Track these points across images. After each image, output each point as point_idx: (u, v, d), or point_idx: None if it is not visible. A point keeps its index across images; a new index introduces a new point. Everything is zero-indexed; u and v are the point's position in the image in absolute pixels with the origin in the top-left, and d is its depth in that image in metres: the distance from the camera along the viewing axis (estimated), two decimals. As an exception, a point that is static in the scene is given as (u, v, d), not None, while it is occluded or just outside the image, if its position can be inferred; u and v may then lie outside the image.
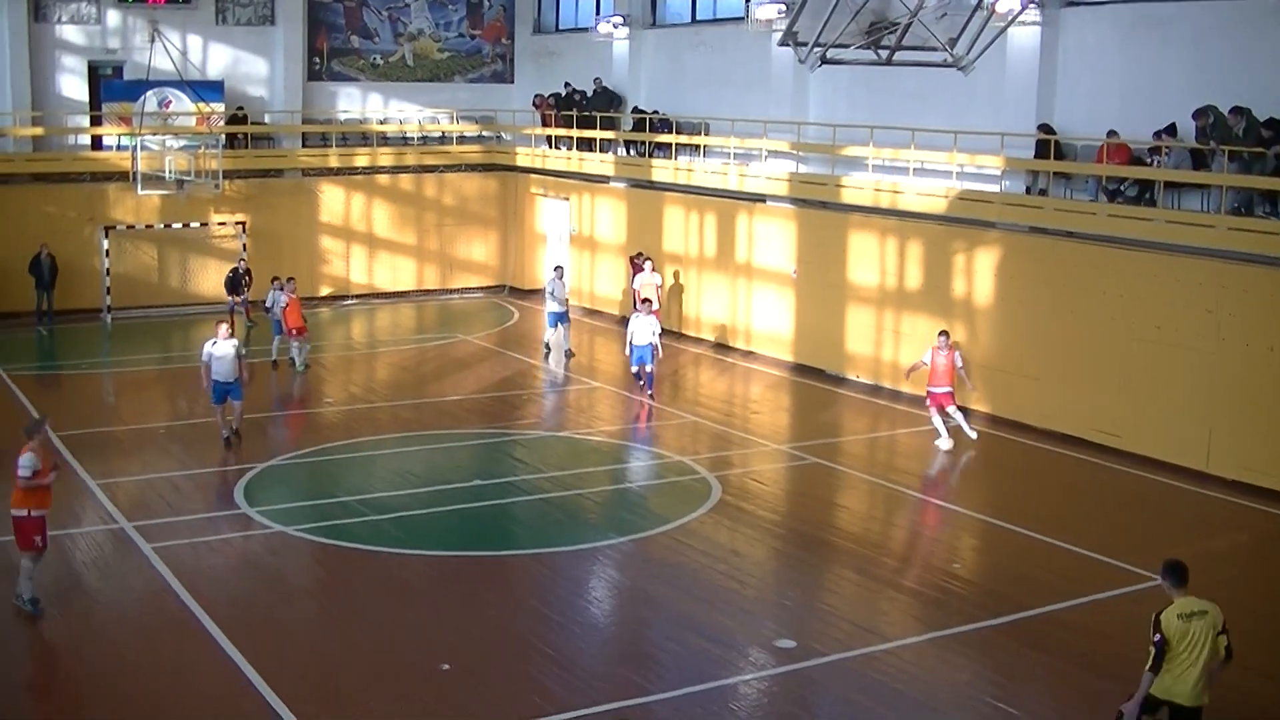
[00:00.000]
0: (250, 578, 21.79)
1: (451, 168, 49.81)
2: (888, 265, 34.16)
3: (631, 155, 44.41)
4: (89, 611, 20.35)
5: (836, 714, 17.21)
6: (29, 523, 19.58)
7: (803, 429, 31.48)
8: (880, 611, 20.31)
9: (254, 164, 46.83)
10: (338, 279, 48.27)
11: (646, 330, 32.53)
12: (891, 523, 25.25)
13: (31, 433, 20.08)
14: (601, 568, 22.22)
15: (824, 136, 36.71)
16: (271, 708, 16.84)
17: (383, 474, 27.61)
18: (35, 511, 19.62)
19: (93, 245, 44.07)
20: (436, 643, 18.90)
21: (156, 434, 30.25)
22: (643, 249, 42.03)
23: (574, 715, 16.71)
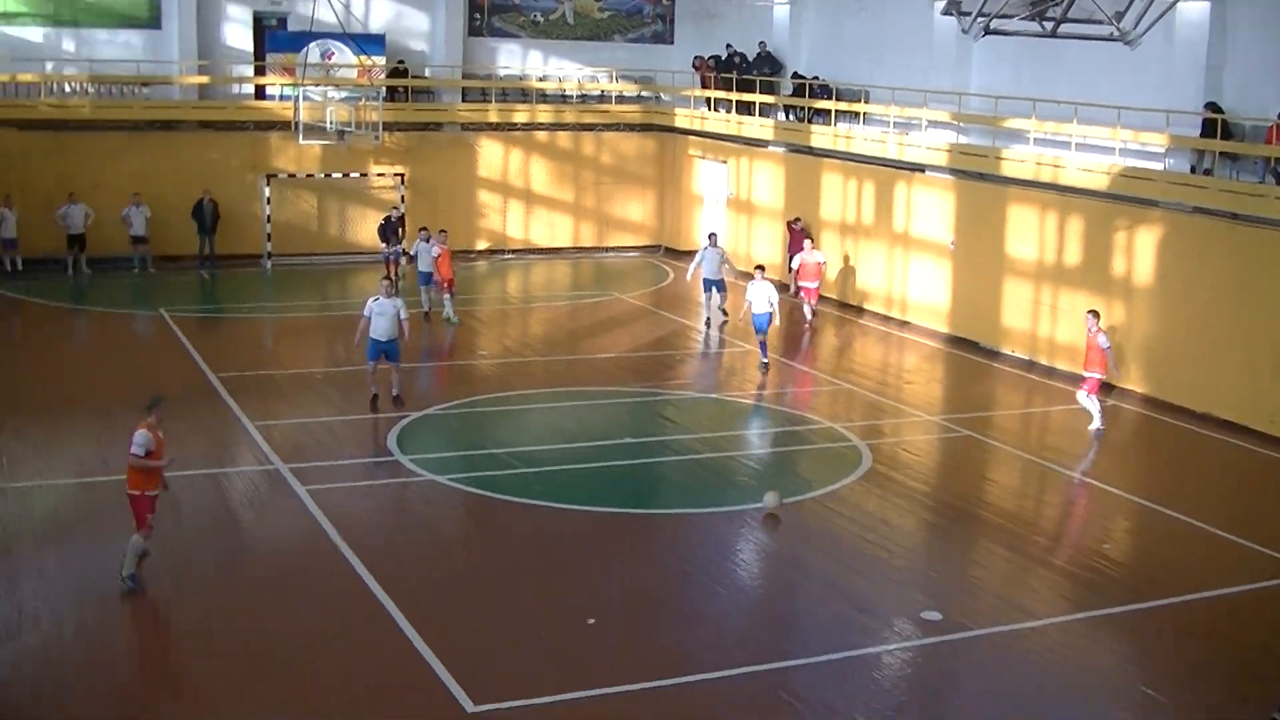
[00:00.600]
0: (401, 524, 22.16)
1: (609, 127, 49.92)
2: (1046, 240, 33.83)
3: (790, 120, 44.29)
4: (242, 549, 20.87)
5: (981, 689, 17.16)
6: (142, 500, 18.89)
7: (956, 401, 31.32)
8: (1029, 589, 20.19)
9: (414, 117, 47.26)
10: (494, 233, 48.63)
11: (764, 298, 32.20)
12: (1043, 500, 25.07)
13: (151, 407, 19.13)
14: (749, 531, 22.27)
15: (985, 108, 36.40)
16: (419, 652, 17.15)
17: (534, 428, 27.90)
18: (150, 491, 18.97)
19: (254, 192, 44.77)
20: (583, 597, 19.09)
21: (314, 379, 30.74)
22: (800, 215, 41.99)
23: (718, 676, 16.82)
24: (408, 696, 16.13)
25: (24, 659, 16.92)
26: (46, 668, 16.70)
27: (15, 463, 24.32)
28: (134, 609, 18.46)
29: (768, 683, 16.70)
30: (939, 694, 16.90)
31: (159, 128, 44.16)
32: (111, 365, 31.89)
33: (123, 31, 45.14)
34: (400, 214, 43.40)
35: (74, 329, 36.81)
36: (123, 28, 45.19)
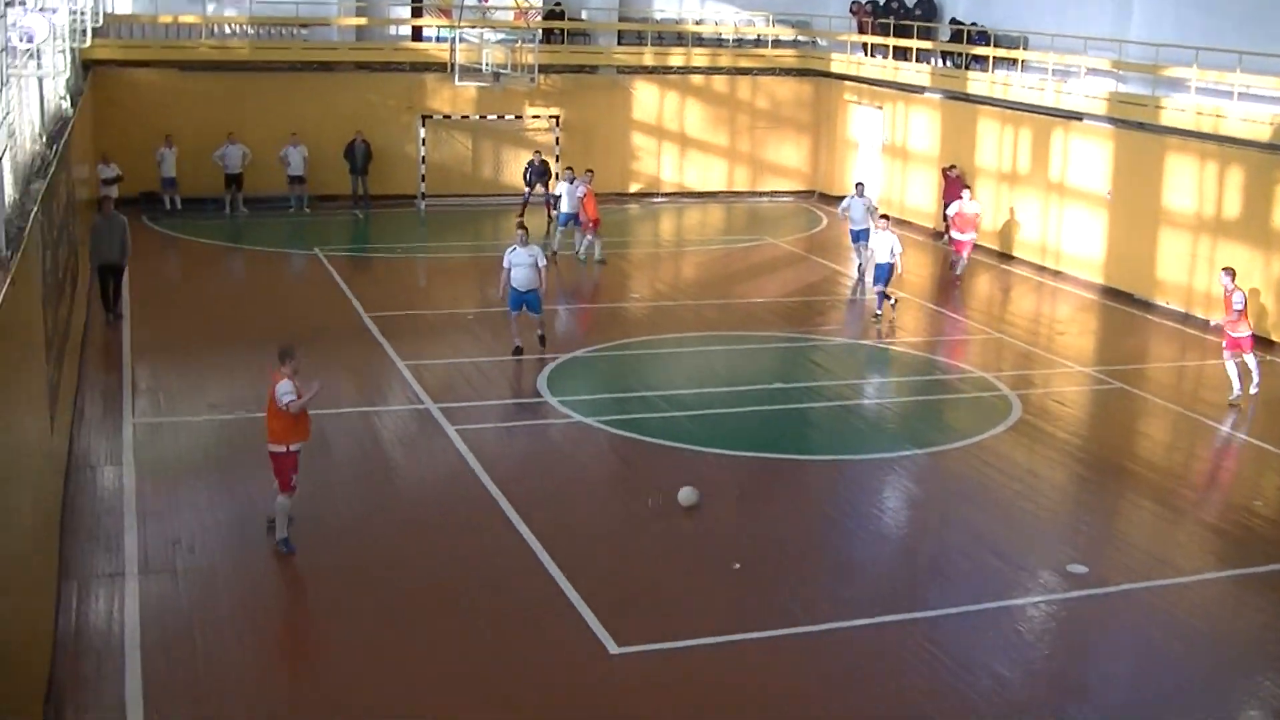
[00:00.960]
0: (549, 465, 22.34)
1: (765, 71, 49.73)
2: (1205, 191, 33.24)
3: (947, 66, 43.86)
4: (391, 488, 21.17)
5: (1126, 644, 16.99)
6: (288, 458, 18.31)
7: (1108, 353, 30.93)
8: (1177, 544, 19.96)
9: (569, 59, 47.39)
10: (648, 176, 48.73)
11: (886, 248, 31.79)
12: (1194, 454, 24.71)
13: (285, 357, 18.32)
14: (896, 478, 22.24)
15: (1146, 55, 35.79)
16: (564, 592, 17.32)
17: (684, 371, 27.97)
18: (294, 445, 18.35)
19: (410, 133, 45.21)
20: (729, 541, 19.16)
21: (465, 319, 31.00)
22: (955, 162, 41.63)
23: (860, 624, 16.81)
24: (551, 637, 16.29)
25: (179, 588, 17.31)
26: (200, 598, 17.07)
27: (172, 398, 24.85)
28: (284, 544, 18.80)
29: (910, 632, 16.68)
30: (1082, 648, 16.75)
31: (316, 69, 44.70)
32: (267, 304, 32.44)
33: (283, -27, 45.72)
34: (543, 158, 43.54)
35: (230, 268, 37.46)
36: (283, -31, 45.76)
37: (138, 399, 24.74)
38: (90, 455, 22.00)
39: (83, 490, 20.41)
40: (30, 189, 19.52)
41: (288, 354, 18.33)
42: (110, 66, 42.15)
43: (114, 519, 19.34)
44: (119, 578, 17.48)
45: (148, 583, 17.34)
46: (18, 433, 14.72)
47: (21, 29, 20.61)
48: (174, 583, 17.45)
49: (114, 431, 23.10)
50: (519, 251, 27.39)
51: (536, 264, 27.35)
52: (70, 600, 16.85)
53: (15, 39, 19.66)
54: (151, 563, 17.94)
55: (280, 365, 18.24)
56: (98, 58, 40.84)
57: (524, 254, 27.36)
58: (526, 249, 27.46)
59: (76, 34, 30.05)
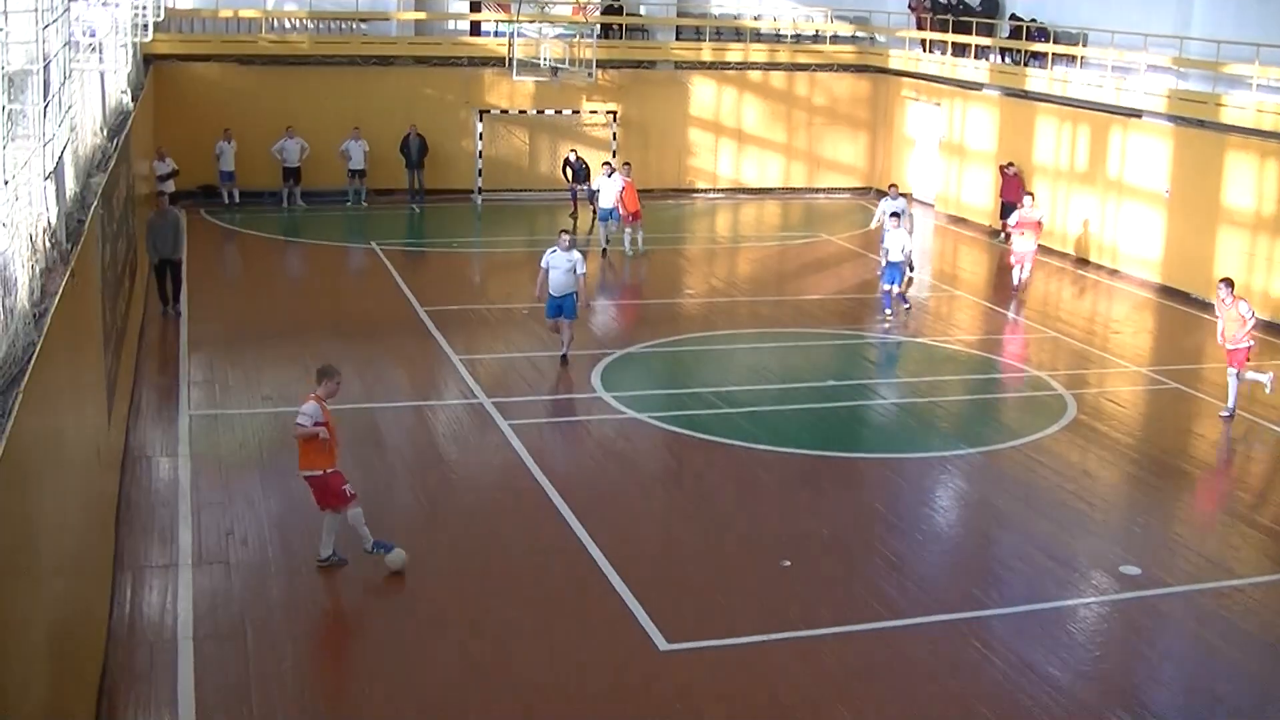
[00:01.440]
0: (602, 460, 22.34)
1: (823, 67, 49.64)
2: (1266, 190, 33.01)
3: (1006, 63, 43.68)
4: (446, 480, 21.21)
5: (1179, 647, 16.93)
6: (334, 477, 17.57)
7: (1165, 353, 30.78)
8: (1231, 546, 19.81)
9: (627, 55, 47.46)
10: (705, 172, 48.73)
11: (897, 246, 31.36)
12: (1250, 456, 24.53)
13: (323, 377, 17.82)
14: (950, 477, 22.18)
15: (1207, 52, 35.56)
16: (614, 588, 17.38)
17: (738, 368, 27.97)
18: (330, 469, 17.55)
19: (467, 128, 45.35)
20: (781, 539, 19.18)
21: (520, 314, 31.07)
22: (1013, 159, 41.49)
23: (912, 623, 16.81)
24: (601, 632, 16.34)
25: (232, 580, 17.42)
26: (252, 590, 17.18)
27: (228, 390, 25.00)
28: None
29: (961, 631, 16.64)
30: (1135, 650, 16.69)
31: (375, 63, 44.86)
32: (322, 297, 32.65)
33: (351, -33, 45.96)
34: (579, 155, 43.55)
35: (286, 261, 37.69)
36: (349, -37, 46.00)
37: (193, 391, 24.92)
38: (146, 447, 22.17)
39: (138, 482, 20.58)
40: (91, 182, 19.68)
41: (326, 374, 17.84)
42: (171, 61, 42.46)
43: (169, 511, 19.49)
44: (173, 569, 17.63)
45: (201, 574, 17.48)
46: (76, 424, 14.84)
47: (84, 24, 20.80)
48: (227, 575, 17.56)
49: (170, 423, 23.27)
50: (559, 254, 26.67)
51: (575, 269, 26.54)
52: (125, 591, 16.99)
53: (78, 33, 19.82)
54: (205, 554, 18.08)
55: (317, 385, 17.77)
56: (158, 52, 41.17)
57: (564, 258, 26.61)
58: (567, 253, 26.65)
59: (138, 28, 30.25)
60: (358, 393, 24.86)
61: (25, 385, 10.61)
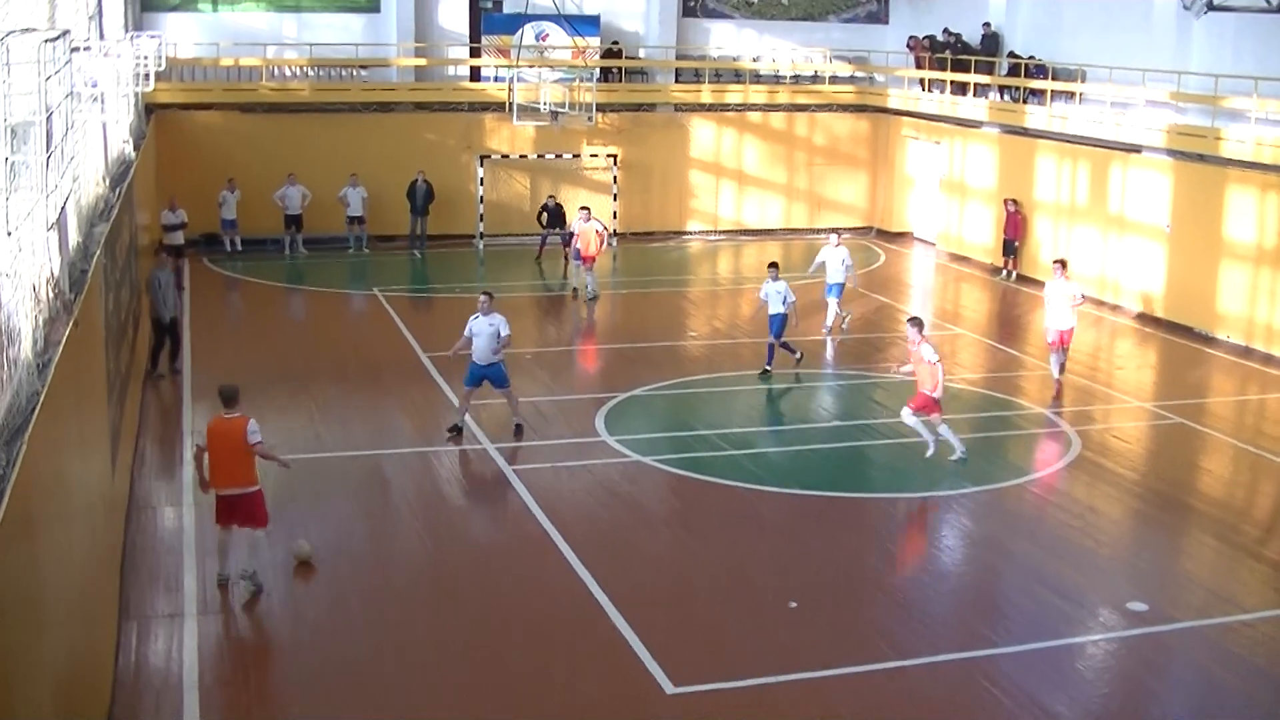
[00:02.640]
0: (607, 504, 22.30)
1: (823, 107, 49.76)
2: (1267, 223, 33.05)
3: (1006, 100, 43.80)
4: (451, 526, 21.25)
5: (1187, 682, 16.89)
6: (260, 494, 18.72)
7: (1169, 387, 30.75)
8: (1239, 581, 19.77)
9: (627, 98, 47.60)
10: (706, 214, 48.80)
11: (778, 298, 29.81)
12: (1256, 490, 24.50)
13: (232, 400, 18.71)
14: (956, 516, 22.16)
15: (1205, 87, 35.64)
16: (620, 631, 17.36)
17: (742, 409, 27.98)
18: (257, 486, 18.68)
19: (468, 173, 45.47)
20: (787, 580, 19.15)
21: (522, 359, 31.00)
22: (1014, 196, 41.60)
23: (918, 662, 16.79)
24: (607, 675, 16.33)
25: (237, 628, 17.41)
26: (257, 638, 17.18)
27: (233, 438, 24.95)
28: (338, 582, 18.88)
29: (969, 670, 16.61)
30: (1144, 686, 16.65)
31: (376, 109, 45.01)
32: (326, 344, 32.63)
33: (342, 15, 46.13)
34: (556, 200, 43.66)
35: (289, 308, 37.73)
36: (343, 11, 46.15)
37: (197, 439, 24.85)
38: (151, 496, 22.16)
39: (143, 530, 20.58)
40: (94, 232, 19.73)
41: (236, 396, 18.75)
42: (172, 109, 42.60)
43: (174, 559, 19.48)
44: (178, 618, 17.62)
45: (206, 623, 17.46)
46: (80, 474, 14.84)
47: (87, 75, 20.87)
48: (232, 623, 17.56)
49: (174, 472, 23.30)
50: (480, 319, 25.09)
51: (499, 334, 24.92)
52: (130, 639, 16.98)
53: (80, 84, 19.88)
54: (210, 603, 18.07)
55: (230, 410, 18.54)
56: (160, 101, 41.28)
57: (484, 322, 25.02)
58: (488, 317, 25.04)
59: (139, 78, 30.33)
60: (362, 439, 24.88)
61: (29, 435, 10.62)
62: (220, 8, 45.03)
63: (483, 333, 24.91)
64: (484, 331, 24.90)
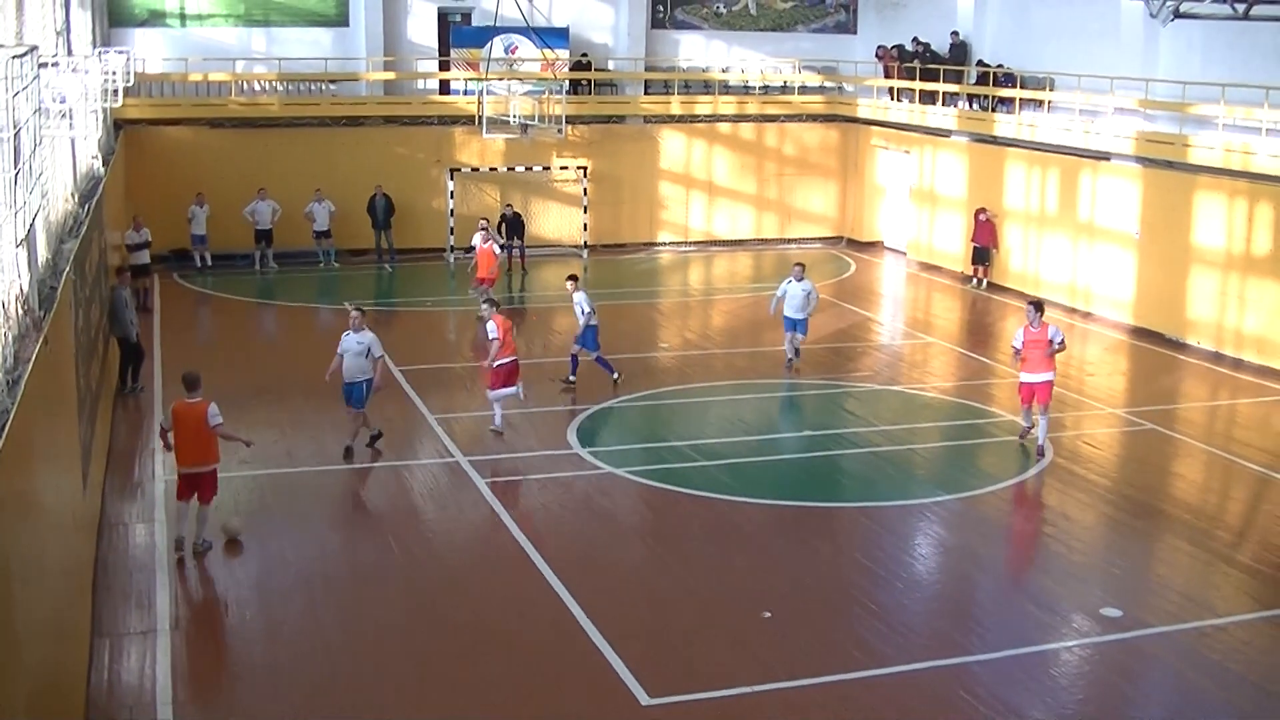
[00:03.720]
0: (580, 516, 22.29)
1: (792, 117, 49.82)
2: (1235, 229, 33.18)
3: (975, 109, 43.91)
4: (425, 540, 21.13)
5: (1162, 687, 16.92)
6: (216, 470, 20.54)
7: (1140, 394, 30.82)
8: (1212, 586, 19.83)
9: (597, 110, 47.60)
10: (676, 225, 48.80)
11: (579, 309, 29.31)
12: (1228, 495, 24.58)
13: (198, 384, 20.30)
14: (928, 524, 22.17)
15: (1173, 94, 35.78)
16: (595, 644, 17.35)
17: (714, 420, 27.94)
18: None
19: (438, 186, 45.43)
20: (761, 590, 19.15)
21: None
22: (984, 205, 41.71)
23: (894, 671, 16.79)
24: (583, 688, 16.31)
25: (211, 645, 17.33)
26: (231, 654, 17.12)
27: (205, 454, 24.84)
28: (312, 597, 18.84)
29: (944, 678, 16.63)
30: (1118, 692, 16.67)
31: (345, 124, 44.96)
32: (296, 359, 32.45)
33: (311, 29, 46.05)
34: (515, 210, 44.04)
35: (260, 323, 37.60)
36: (311, 25, 46.08)
37: (168, 456, 24.78)
38: (122, 512, 22.08)
39: (115, 547, 20.50)
40: (63, 248, 19.67)
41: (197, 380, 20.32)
42: (141, 125, 42.48)
43: (146, 576, 19.41)
44: (151, 634, 17.54)
45: (179, 639, 17.41)
46: (51, 491, 14.78)
47: (54, 90, 20.79)
48: (205, 639, 17.50)
49: (145, 488, 23.20)
50: (350, 337, 24.75)
51: (369, 352, 24.61)
52: (103, 657, 16.91)
53: (48, 100, 19.81)
54: (183, 619, 18.01)
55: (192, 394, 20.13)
56: (129, 117, 41.14)
57: (354, 340, 24.69)
58: (359, 334, 24.71)
59: (108, 94, 30.22)
60: (334, 453, 24.79)
61: (0, 452, 10.57)
62: (189, 23, 44.93)
63: (350, 349, 24.64)
64: (352, 349, 24.63)
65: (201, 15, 44.94)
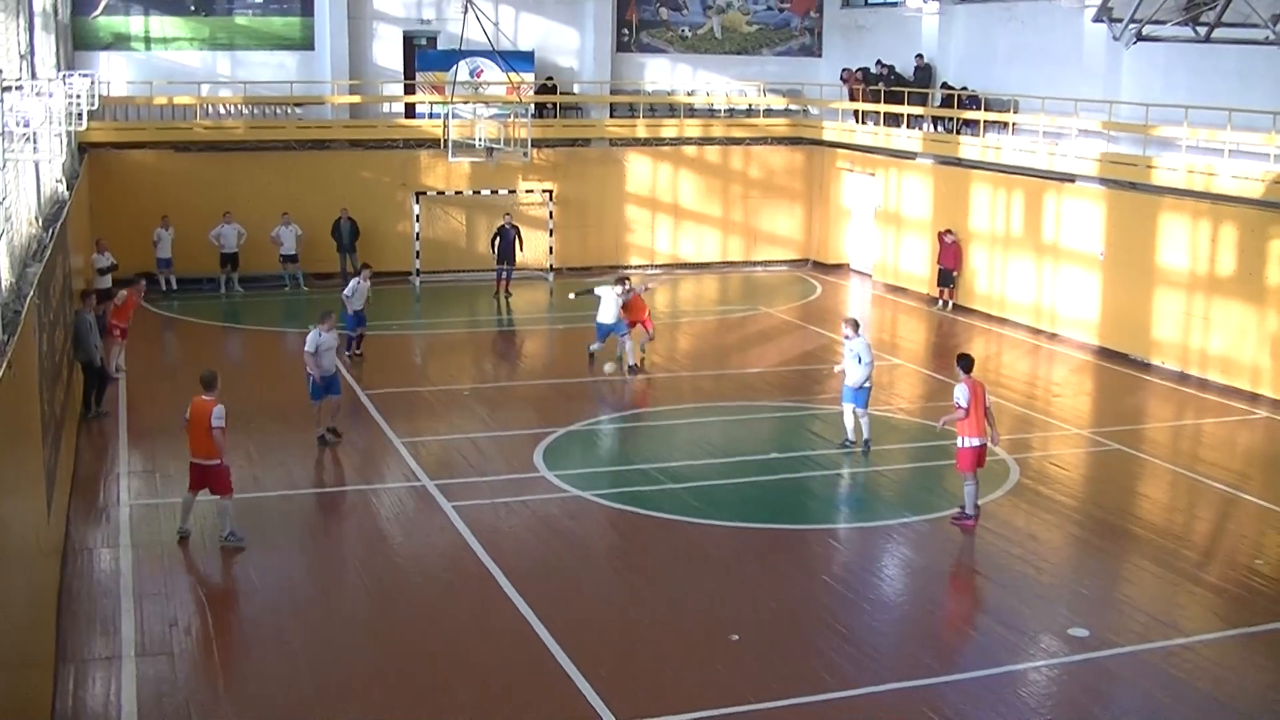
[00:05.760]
0: (547, 540, 22.21)
1: (757, 140, 49.92)
2: (1199, 249, 33.34)
3: (939, 131, 44.05)
4: (391, 564, 21.05)
5: (1130, 707, 16.92)
6: (224, 469, 21.38)
7: (1105, 414, 30.93)
8: (1179, 605, 19.90)
9: (562, 133, 47.61)
10: (642, 248, 48.82)
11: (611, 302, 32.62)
12: (1194, 514, 24.64)
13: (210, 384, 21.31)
14: (896, 546, 22.19)
15: (1136, 116, 35.96)
16: (563, 667, 17.30)
17: (681, 443, 27.95)
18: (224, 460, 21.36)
19: (404, 210, 45.34)
20: (729, 613, 19.13)
21: (460, 395, 31.00)
22: (949, 227, 41.83)
23: (862, 693, 16.79)
24: (551, 712, 16.27)
25: (176, 670, 17.24)
26: (196, 680, 17.02)
27: (169, 479, 24.71)
28: (279, 623, 18.76)
29: (912, 700, 16.63)
30: (1086, 712, 16.67)
31: (311, 147, 44.86)
32: (263, 383, 32.33)
33: (276, 53, 46.01)
34: (513, 222, 43.99)
35: (226, 347, 37.43)
36: (277, 49, 46.03)
37: (134, 481, 24.74)
38: (87, 538, 21.95)
39: (80, 573, 20.38)
40: (27, 272, 19.57)
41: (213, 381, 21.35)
42: (106, 149, 42.33)
43: (111, 601, 19.31)
44: (116, 660, 17.44)
45: (145, 665, 17.29)
46: (15, 516, 14.69)
47: (18, 113, 20.70)
48: (171, 665, 17.38)
49: (110, 514, 23.06)
50: (324, 336, 26.54)
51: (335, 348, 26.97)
52: (68, 684, 16.80)
53: (12, 123, 19.73)
54: (148, 645, 17.90)
55: (207, 393, 21.17)
56: (94, 140, 41.04)
57: (330, 338, 26.69)
58: (332, 333, 26.87)
59: (72, 117, 30.09)
60: (301, 478, 24.74)
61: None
62: (154, 46, 44.84)
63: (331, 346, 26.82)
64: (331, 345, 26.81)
65: (166, 39, 44.86)
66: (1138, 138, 36.05)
